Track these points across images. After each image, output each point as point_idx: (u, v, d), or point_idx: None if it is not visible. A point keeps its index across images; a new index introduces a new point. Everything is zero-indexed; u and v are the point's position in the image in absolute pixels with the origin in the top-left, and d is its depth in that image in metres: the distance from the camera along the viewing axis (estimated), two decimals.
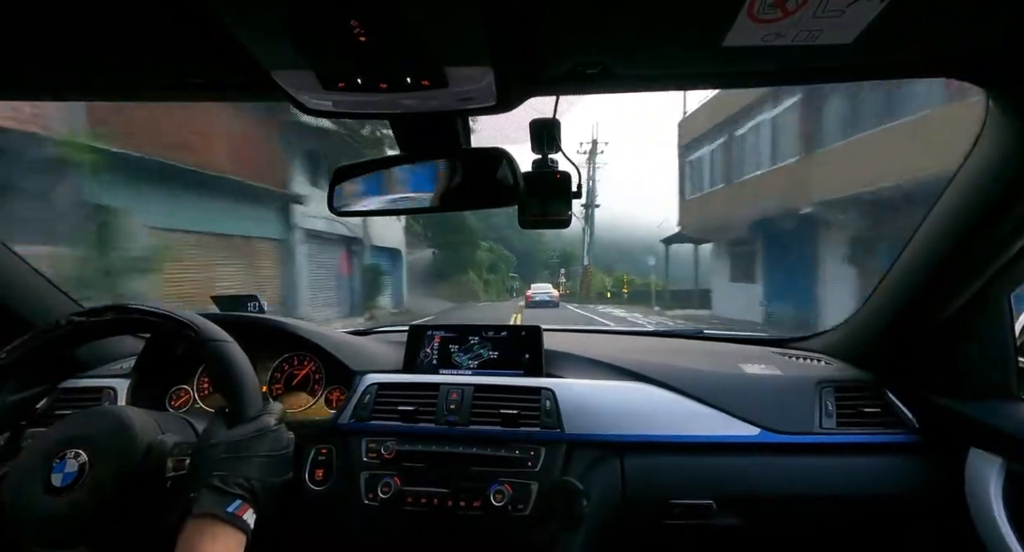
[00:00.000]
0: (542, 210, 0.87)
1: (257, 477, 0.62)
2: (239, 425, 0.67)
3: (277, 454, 0.67)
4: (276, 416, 0.71)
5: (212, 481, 0.59)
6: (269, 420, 0.69)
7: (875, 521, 0.99)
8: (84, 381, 1.14)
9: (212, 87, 0.72)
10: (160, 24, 0.55)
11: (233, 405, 0.69)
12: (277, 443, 0.68)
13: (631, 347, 1.38)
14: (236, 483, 0.60)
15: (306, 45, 0.53)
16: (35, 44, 0.60)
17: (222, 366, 0.71)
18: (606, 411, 1.03)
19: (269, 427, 0.68)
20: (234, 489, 0.59)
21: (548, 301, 20.01)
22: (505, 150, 0.81)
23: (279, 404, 0.74)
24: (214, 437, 0.64)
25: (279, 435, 0.69)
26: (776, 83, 0.75)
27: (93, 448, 0.64)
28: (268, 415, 0.70)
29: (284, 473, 0.67)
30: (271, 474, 0.64)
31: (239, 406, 0.69)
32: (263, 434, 0.67)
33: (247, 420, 0.68)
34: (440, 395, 1.07)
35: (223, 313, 1.24)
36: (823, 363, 1.21)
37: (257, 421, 0.68)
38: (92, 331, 0.76)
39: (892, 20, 0.50)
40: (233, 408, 0.69)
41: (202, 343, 0.72)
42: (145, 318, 0.75)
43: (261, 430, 0.67)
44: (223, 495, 0.59)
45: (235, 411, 0.68)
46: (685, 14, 0.52)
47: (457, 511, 0.94)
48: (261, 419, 0.68)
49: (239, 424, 0.67)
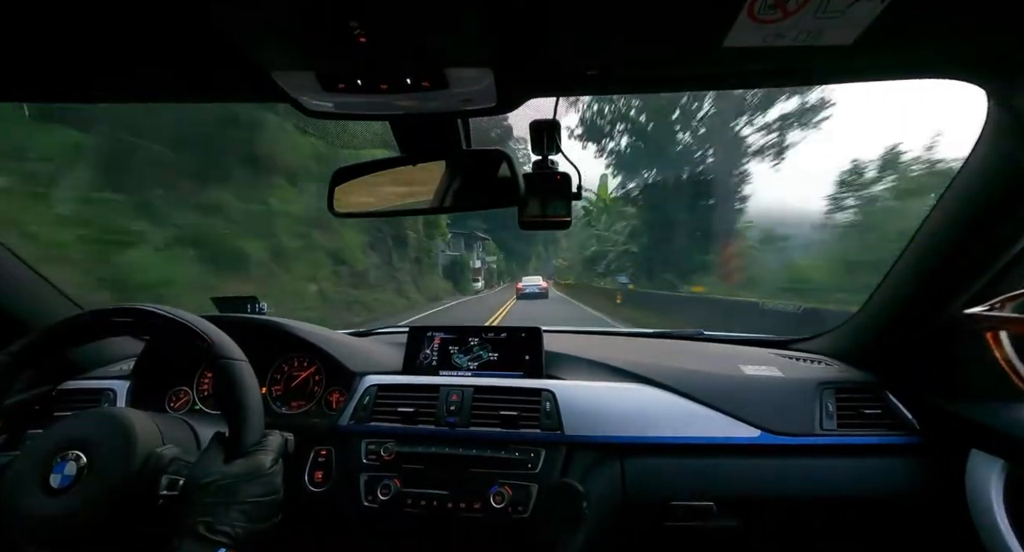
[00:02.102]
0: (542, 211, 0.87)
1: (243, 524, 0.60)
2: (235, 458, 0.64)
3: (266, 500, 0.64)
4: (273, 454, 0.68)
5: (197, 528, 0.57)
6: (264, 460, 0.66)
7: (876, 523, 0.99)
8: (83, 382, 1.14)
9: (212, 88, 0.72)
10: (161, 26, 0.55)
11: (233, 431, 0.67)
12: (268, 486, 0.65)
13: (631, 348, 1.38)
14: (221, 530, 0.58)
15: (306, 46, 0.53)
16: (37, 46, 0.60)
17: (229, 386, 0.69)
18: (606, 413, 1.03)
19: (263, 469, 0.65)
20: (218, 536, 0.58)
21: (538, 293, 21.65)
22: (505, 151, 0.81)
23: (278, 437, 0.71)
24: (206, 473, 0.62)
25: (272, 479, 0.66)
26: (776, 84, 0.75)
27: (93, 452, 0.64)
28: (263, 454, 0.67)
29: (271, 518, 0.65)
30: (258, 520, 0.62)
31: (239, 434, 0.67)
32: (256, 476, 0.64)
33: (244, 452, 0.65)
34: (440, 396, 1.07)
35: (223, 314, 1.24)
36: (823, 364, 1.21)
37: (252, 458, 0.65)
38: (113, 328, 0.75)
39: (892, 21, 0.50)
40: (232, 434, 0.67)
41: (214, 358, 0.70)
42: (166, 324, 0.73)
43: (254, 472, 0.64)
44: (207, 543, 0.57)
45: (234, 438, 0.66)
46: (685, 15, 0.52)
47: (457, 513, 0.94)
48: (256, 457, 0.66)
49: (235, 456, 0.65)
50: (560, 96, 0.77)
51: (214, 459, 0.64)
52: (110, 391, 1.10)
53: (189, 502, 0.60)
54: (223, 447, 0.66)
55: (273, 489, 0.66)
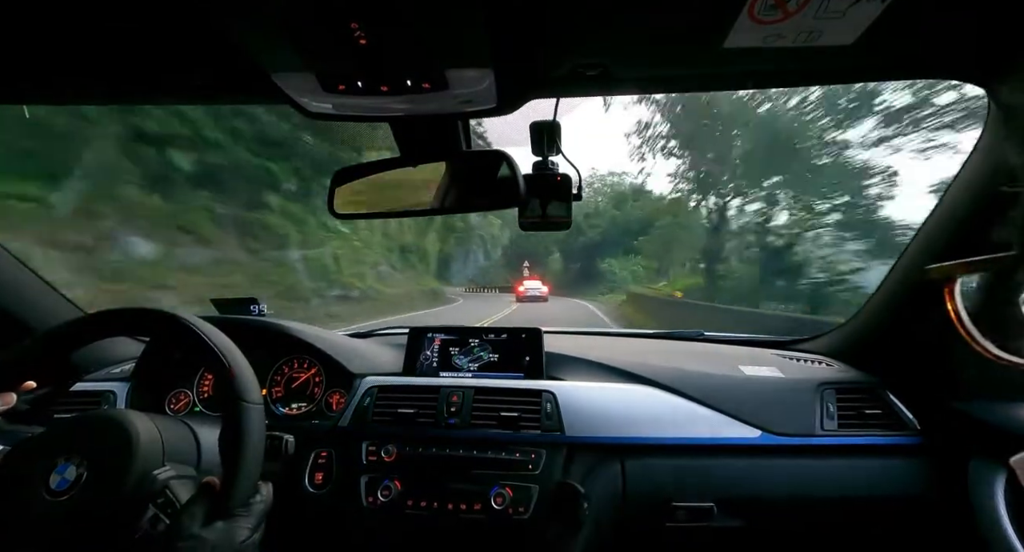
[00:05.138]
0: (542, 212, 0.87)
1: None
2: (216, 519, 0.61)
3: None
4: (254, 520, 0.64)
5: None
6: (243, 531, 0.62)
7: (877, 523, 0.99)
8: (83, 384, 1.14)
9: (213, 89, 0.72)
10: (162, 28, 0.55)
11: (225, 481, 0.64)
12: None
13: (632, 349, 1.38)
14: None
15: (307, 48, 0.53)
16: (39, 48, 0.60)
17: (236, 432, 0.65)
18: (607, 413, 1.03)
19: (236, 541, 0.61)
20: None
21: (538, 296, 22.11)
22: (505, 152, 0.81)
23: (269, 492, 0.68)
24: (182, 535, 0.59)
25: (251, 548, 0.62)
26: (776, 85, 0.75)
27: (94, 455, 0.63)
28: (245, 520, 0.63)
29: None
30: None
31: (229, 487, 0.63)
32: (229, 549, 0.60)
33: (227, 513, 0.62)
34: (440, 398, 1.07)
35: (223, 316, 1.24)
36: (824, 365, 1.21)
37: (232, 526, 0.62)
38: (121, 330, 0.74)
39: (892, 21, 0.50)
40: (223, 486, 0.63)
41: (230, 396, 0.66)
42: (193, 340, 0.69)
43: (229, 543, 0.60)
44: None
45: (223, 492, 0.63)
46: (686, 15, 0.52)
47: (457, 514, 0.94)
48: (236, 525, 0.62)
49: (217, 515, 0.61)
50: (560, 96, 0.77)
51: (195, 517, 0.61)
52: (111, 393, 1.10)
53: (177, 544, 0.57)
54: (208, 502, 0.63)
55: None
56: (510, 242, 43.88)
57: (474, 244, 45.51)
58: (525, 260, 35.99)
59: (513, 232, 39.52)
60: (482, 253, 47.87)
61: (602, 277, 32.29)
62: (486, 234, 45.54)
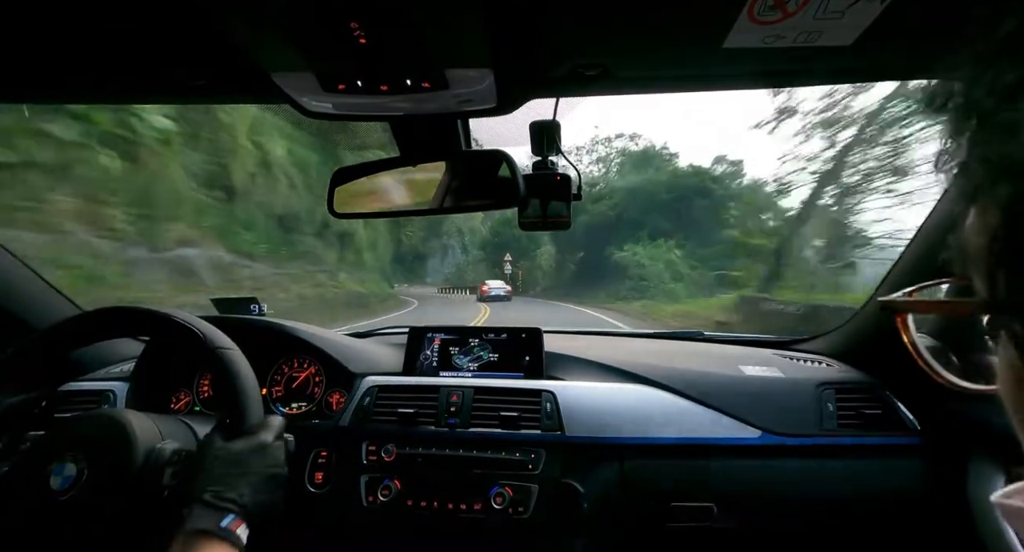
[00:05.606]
0: (542, 212, 0.87)
1: (250, 494, 0.62)
2: (237, 438, 0.66)
3: (272, 471, 0.66)
4: (275, 431, 0.70)
5: (205, 496, 0.59)
6: (267, 436, 0.68)
7: (877, 524, 0.99)
8: (83, 384, 1.14)
9: (213, 89, 0.72)
10: (162, 27, 0.55)
11: (233, 416, 0.68)
12: (273, 459, 0.67)
13: (631, 349, 1.38)
14: (229, 498, 0.59)
15: (307, 47, 0.53)
16: (39, 48, 0.60)
17: (225, 375, 0.70)
18: (607, 413, 1.03)
19: (266, 443, 0.67)
20: (227, 504, 0.59)
21: (502, 295, 21.59)
22: (505, 152, 0.81)
23: (279, 418, 0.73)
24: (211, 449, 0.64)
25: (275, 453, 0.68)
26: (775, 85, 0.75)
27: (92, 452, 0.64)
28: (266, 431, 0.69)
29: (277, 492, 0.67)
30: (264, 491, 0.64)
31: (239, 417, 0.68)
32: (259, 450, 0.66)
33: (246, 433, 0.67)
34: (440, 397, 1.07)
35: (223, 315, 1.24)
36: (824, 365, 1.21)
37: (254, 436, 0.67)
38: (95, 332, 0.76)
39: (892, 21, 0.50)
40: (233, 419, 0.68)
41: (206, 350, 0.71)
42: (149, 321, 0.75)
43: (258, 447, 0.66)
44: (216, 510, 0.58)
45: (234, 422, 0.68)
46: (686, 15, 0.52)
47: (457, 514, 0.94)
48: (258, 435, 0.68)
49: (237, 437, 0.66)
50: (560, 97, 0.77)
51: (217, 439, 0.66)
52: (110, 392, 1.10)
53: (194, 475, 0.62)
54: (224, 431, 0.67)
55: (277, 462, 0.68)
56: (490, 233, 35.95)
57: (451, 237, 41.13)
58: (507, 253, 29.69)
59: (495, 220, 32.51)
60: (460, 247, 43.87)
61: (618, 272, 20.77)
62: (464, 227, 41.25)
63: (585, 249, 26.58)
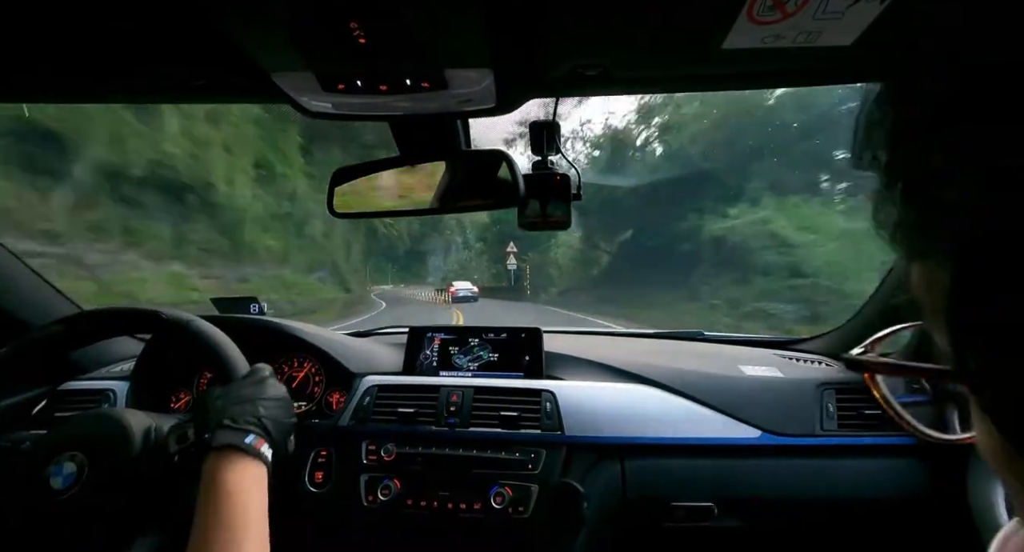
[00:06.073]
0: (542, 212, 0.87)
1: (266, 415, 0.64)
2: (234, 383, 0.69)
3: (279, 398, 0.69)
4: (267, 370, 0.73)
5: (224, 421, 0.61)
6: (263, 372, 0.72)
7: (876, 524, 0.99)
8: (83, 383, 1.14)
9: (212, 89, 0.72)
10: (162, 27, 0.55)
11: (222, 370, 0.72)
12: (276, 390, 0.71)
13: (631, 349, 1.38)
14: (247, 421, 0.62)
15: (306, 47, 0.53)
16: (39, 48, 0.60)
17: (199, 341, 0.74)
18: (606, 413, 1.03)
19: (265, 377, 0.71)
20: (247, 425, 0.62)
21: (470, 296, 21.84)
22: (505, 151, 0.81)
23: (266, 365, 0.76)
24: (213, 396, 0.66)
25: (276, 385, 0.72)
26: (775, 85, 0.75)
27: (92, 451, 0.64)
28: (259, 371, 0.72)
29: (289, 415, 0.70)
30: (278, 413, 0.67)
31: (228, 368, 0.71)
32: (260, 382, 0.69)
33: (240, 378, 0.70)
34: (440, 397, 1.07)
35: (223, 315, 1.24)
36: (824, 365, 1.21)
37: (251, 376, 0.71)
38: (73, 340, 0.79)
39: (892, 21, 0.50)
40: (223, 372, 0.71)
41: (171, 327, 0.75)
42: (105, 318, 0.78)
43: (259, 381, 0.70)
44: (238, 430, 0.61)
45: (226, 373, 0.71)
46: (685, 16, 0.52)
47: (457, 513, 0.94)
48: (254, 375, 0.71)
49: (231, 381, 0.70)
50: (559, 96, 0.77)
51: (215, 389, 0.68)
52: (110, 392, 1.10)
53: (209, 411, 0.64)
54: (219, 383, 0.70)
55: (281, 392, 0.71)
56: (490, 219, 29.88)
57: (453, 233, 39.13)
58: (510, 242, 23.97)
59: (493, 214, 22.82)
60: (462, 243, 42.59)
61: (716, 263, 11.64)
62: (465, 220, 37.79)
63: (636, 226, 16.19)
